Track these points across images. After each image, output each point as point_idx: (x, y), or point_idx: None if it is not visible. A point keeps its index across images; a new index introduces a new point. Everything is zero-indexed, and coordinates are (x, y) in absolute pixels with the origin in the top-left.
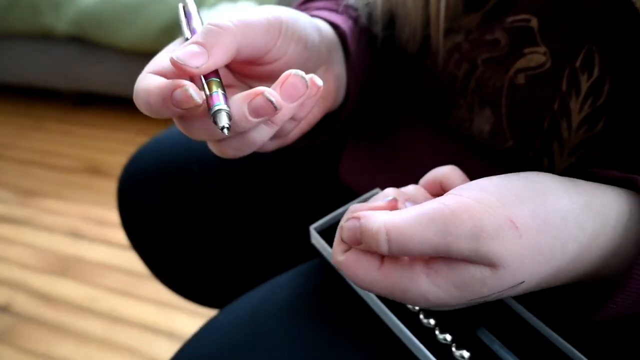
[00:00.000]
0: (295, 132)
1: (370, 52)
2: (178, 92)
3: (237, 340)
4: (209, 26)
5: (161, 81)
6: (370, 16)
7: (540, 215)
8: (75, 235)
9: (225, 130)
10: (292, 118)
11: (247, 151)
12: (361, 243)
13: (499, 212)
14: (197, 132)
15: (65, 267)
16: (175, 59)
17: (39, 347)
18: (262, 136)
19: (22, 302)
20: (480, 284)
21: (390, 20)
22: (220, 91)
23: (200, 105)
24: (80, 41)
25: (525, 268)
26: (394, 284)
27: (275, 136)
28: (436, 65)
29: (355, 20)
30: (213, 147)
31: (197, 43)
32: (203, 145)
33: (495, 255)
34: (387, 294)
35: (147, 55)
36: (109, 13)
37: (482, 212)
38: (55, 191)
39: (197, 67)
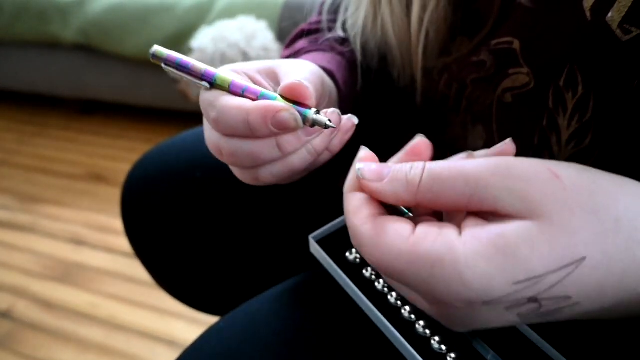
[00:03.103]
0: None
1: (361, 80)
2: (283, 115)
3: (235, 349)
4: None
5: (263, 104)
6: (364, 51)
7: (590, 176)
8: (77, 242)
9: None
10: (327, 149)
11: (284, 176)
12: (384, 178)
13: (536, 161)
14: (262, 151)
15: (67, 273)
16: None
17: (40, 353)
18: (302, 162)
19: (23, 308)
20: (528, 245)
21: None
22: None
23: (297, 128)
24: (87, 50)
25: (581, 231)
26: (424, 257)
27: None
28: (429, 88)
29: (343, 54)
30: (246, 174)
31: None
32: (206, 153)
33: (535, 198)
34: (411, 277)
35: (152, 64)
36: (116, 22)
37: (516, 159)
38: (58, 198)
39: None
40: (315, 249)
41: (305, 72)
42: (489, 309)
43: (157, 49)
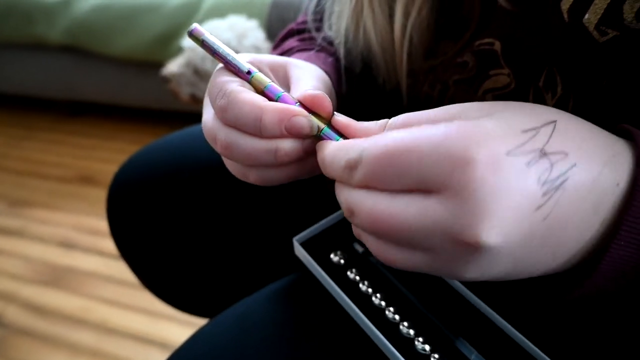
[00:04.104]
0: None
1: (346, 84)
2: (301, 119)
3: (224, 350)
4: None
5: (280, 105)
6: (348, 57)
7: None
8: (68, 245)
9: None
10: None
11: (273, 183)
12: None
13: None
14: (259, 154)
15: (57, 277)
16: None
17: (31, 358)
18: (295, 174)
19: (14, 313)
20: (516, 109)
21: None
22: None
23: (311, 135)
24: (74, 50)
25: (539, 107)
26: (437, 129)
27: None
28: (413, 89)
29: (334, 54)
30: (236, 167)
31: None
32: (193, 154)
33: (497, 108)
34: (428, 154)
35: (140, 64)
36: (102, 22)
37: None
38: (48, 201)
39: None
40: (300, 251)
41: (317, 80)
42: (514, 166)
43: (196, 28)
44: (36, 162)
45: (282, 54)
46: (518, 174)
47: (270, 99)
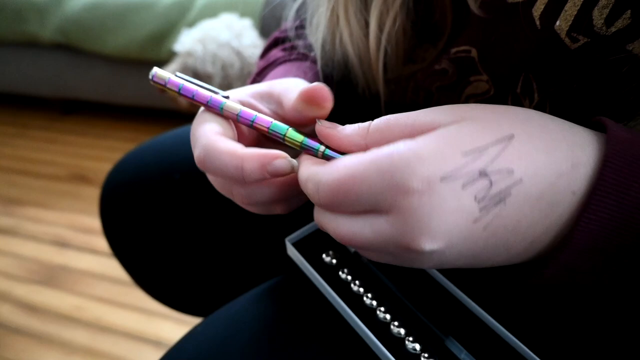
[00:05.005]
0: None
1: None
2: (281, 162)
3: (216, 349)
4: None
5: (258, 150)
6: (327, 67)
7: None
8: (61, 244)
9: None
10: None
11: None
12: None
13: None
14: (262, 195)
15: (51, 276)
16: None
17: (24, 357)
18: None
19: (7, 312)
20: (467, 129)
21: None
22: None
23: (293, 172)
24: (66, 48)
25: (502, 118)
26: (384, 153)
27: None
28: (397, 95)
29: (314, 60)
30: (224, 190)
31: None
32: (185, 154)
33: (462, 109)
34: (372, 177)
35: (133, 62)
36: (95, 20)
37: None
38: (41, 199)
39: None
40: (292, 251)
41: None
42: (448, 189)
43: (156, 73)
44: (29, 161)
45: (268, 65)
46: (452, 196)
47: (246, 124)
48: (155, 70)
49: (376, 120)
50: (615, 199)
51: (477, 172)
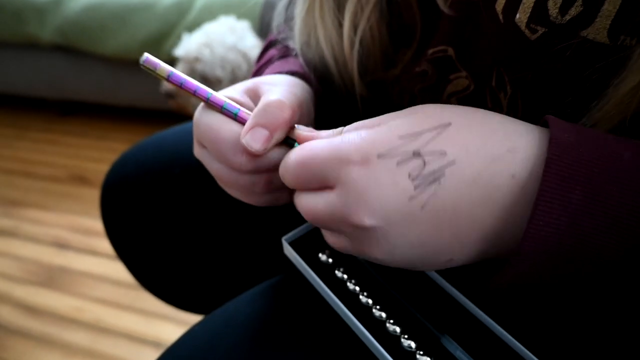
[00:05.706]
0: None
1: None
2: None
3: (213, 348)
4: (268, 108)
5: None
6: (308, 67)
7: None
8: (61, 245)
9: None
10: None
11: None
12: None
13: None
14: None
15: (51, 277)
16: (245, 144)
17: (24, 358)
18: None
19: (7, 314)
20: (407, 114)
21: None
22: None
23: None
24: (65, 50)
25: (445, 108)
26: (333, 141)
27: None
28: (384, 99)
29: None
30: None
31: (260, 125)
32: (185, 151)
33: (416, 110)
34: (323, 157)
35: (133, 63)
36: (94, 22)
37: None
38: (40, 201)
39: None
40: (288, 250)
41: (287, 91)
42: (383, 165)
43: (148, 58)
44: (28, 162)
45: (264, 64)
46: (387, 171)
47: (229, 117)
48: (147, 55)
49: (347, 127)
50: (560, 203)
51: (411, 152)
